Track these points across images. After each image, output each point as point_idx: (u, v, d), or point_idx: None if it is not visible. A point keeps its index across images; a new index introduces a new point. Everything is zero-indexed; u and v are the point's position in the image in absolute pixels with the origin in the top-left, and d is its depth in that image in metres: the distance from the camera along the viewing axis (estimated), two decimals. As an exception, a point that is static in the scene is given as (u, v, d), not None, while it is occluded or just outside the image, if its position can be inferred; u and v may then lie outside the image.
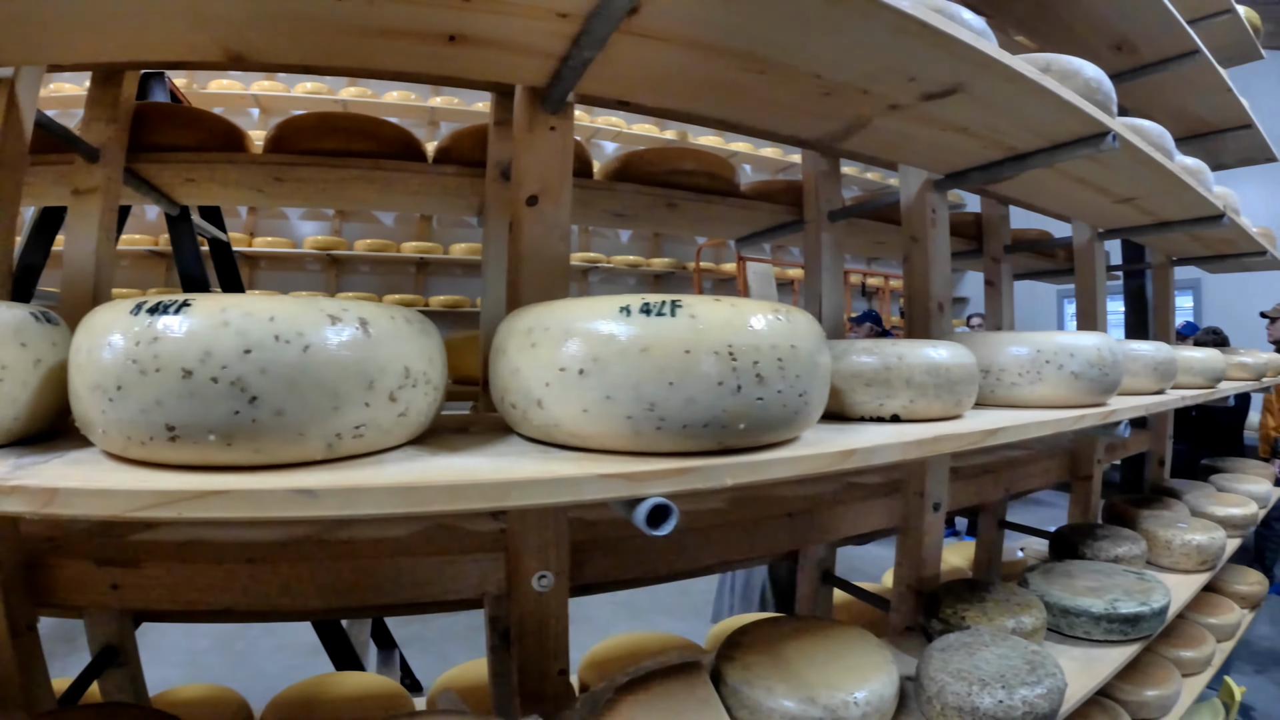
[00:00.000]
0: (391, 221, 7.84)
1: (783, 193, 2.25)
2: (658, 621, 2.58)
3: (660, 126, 8.54)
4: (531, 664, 1.47)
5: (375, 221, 7.78)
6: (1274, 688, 4.47)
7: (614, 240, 9.04)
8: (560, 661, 1.49)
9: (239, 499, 0.66)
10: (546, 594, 1.43)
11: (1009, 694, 1.39)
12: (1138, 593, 1.90)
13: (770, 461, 0.89)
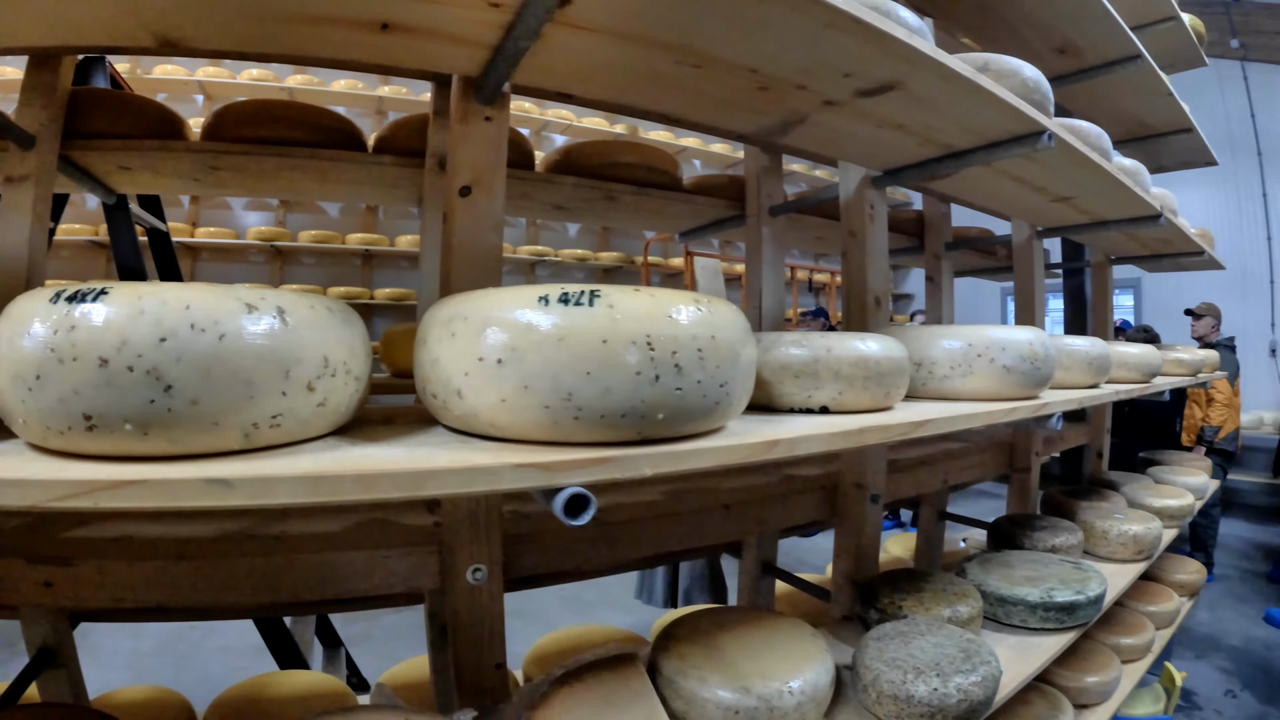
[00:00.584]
0: (337, 213, 7.66)
1: (725, 187, 2.25)
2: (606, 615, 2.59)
3: (610, 120, 8.45)
4: (468, 658, 1.45)
5: (320, 212, 7.59)
6: (1215, 673, 4.58)
7: (562, 234, 8.96)
8: (497, 655, 1.48)
9: (154, 489, 0.65)
10: (481, 587, 1.41)
11: (943, 682, 1.40)
12: (1074, 581, 1.93)
13: (691, 452, 0.89)
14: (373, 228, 7.72)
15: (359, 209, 7.61)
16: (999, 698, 1.57)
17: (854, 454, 1.89)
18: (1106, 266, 3.45)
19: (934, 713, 1.39)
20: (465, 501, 1.38)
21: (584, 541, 1.59)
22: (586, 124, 8.19)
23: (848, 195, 1.87)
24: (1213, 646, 4.94)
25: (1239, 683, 4.43)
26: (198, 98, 7.04)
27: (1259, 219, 8.07)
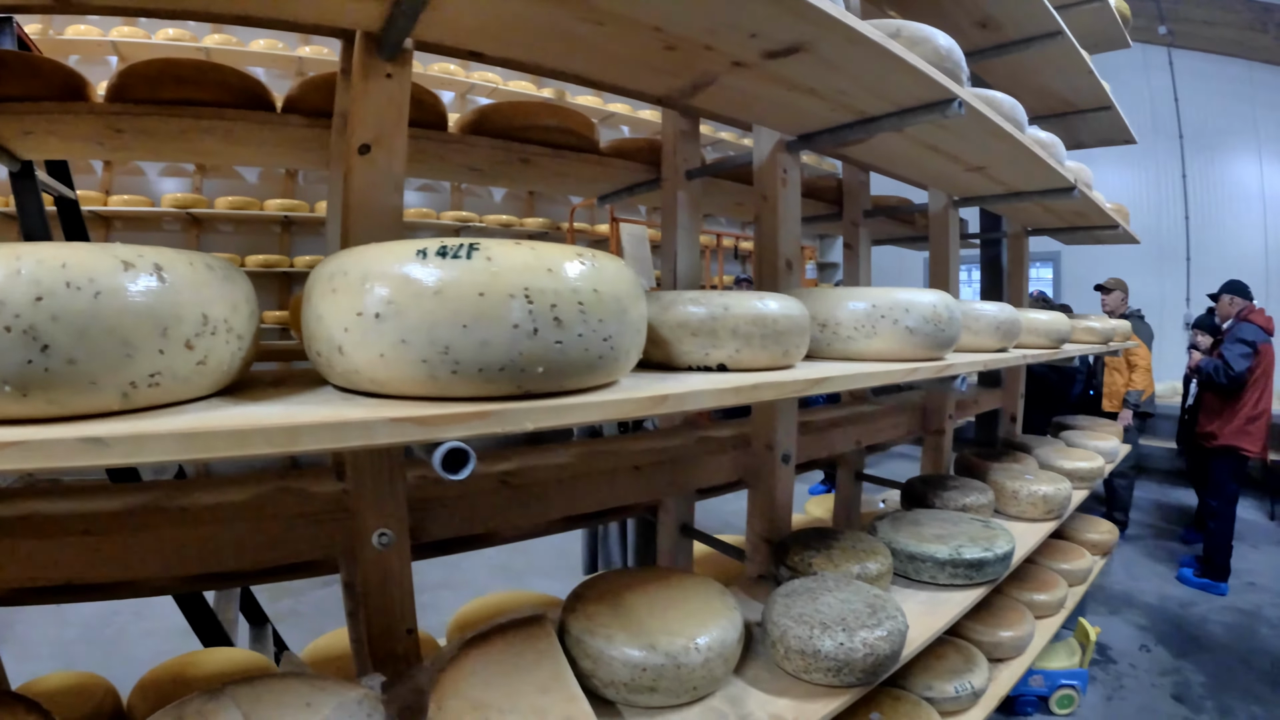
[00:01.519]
0: (255, 178, 7.33)
1: (641, 151, 2.22)
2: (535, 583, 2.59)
3: (538, 85, 8.23)
4: (378, 624, 1.43)
5: (237, 178, 7.26)
6: (1129, 628, 4.74)
7: (487, 200, 8.75)
8: (407, 620, 1.46)
9: (31, 450, 0.63)
10: (388, 552, 1.40)
11: (849, 636, 1.42)
12: (982, 539, 1.97)
13: (575, 406, 0.87)
14: (292, 193, 7.40)
15: (277, 174, 7.29)
16: (907, 652, 1.60)
17: (764, 415, 1.90)
18: (1023, 238, 3.51)
19: (840, 667, 1.41)
20: (369, 467, 1.36)
21: (493, 504, 1.58)
22: (512, 87, 7.91)
23: (761, 159, 1.86)
24: (1127, 603, 5.12)
25: (1153, 638, 4.60)
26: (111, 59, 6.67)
27: (1178, 199, 8.32)
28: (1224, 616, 4.86)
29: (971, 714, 2.27)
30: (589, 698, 1.35)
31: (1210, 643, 4.52)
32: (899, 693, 2.17)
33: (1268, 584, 5.31)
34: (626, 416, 0.92)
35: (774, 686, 1.45)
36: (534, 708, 1.14)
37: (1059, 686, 3.66)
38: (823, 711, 1.39)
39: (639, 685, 1.30)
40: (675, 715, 1.34)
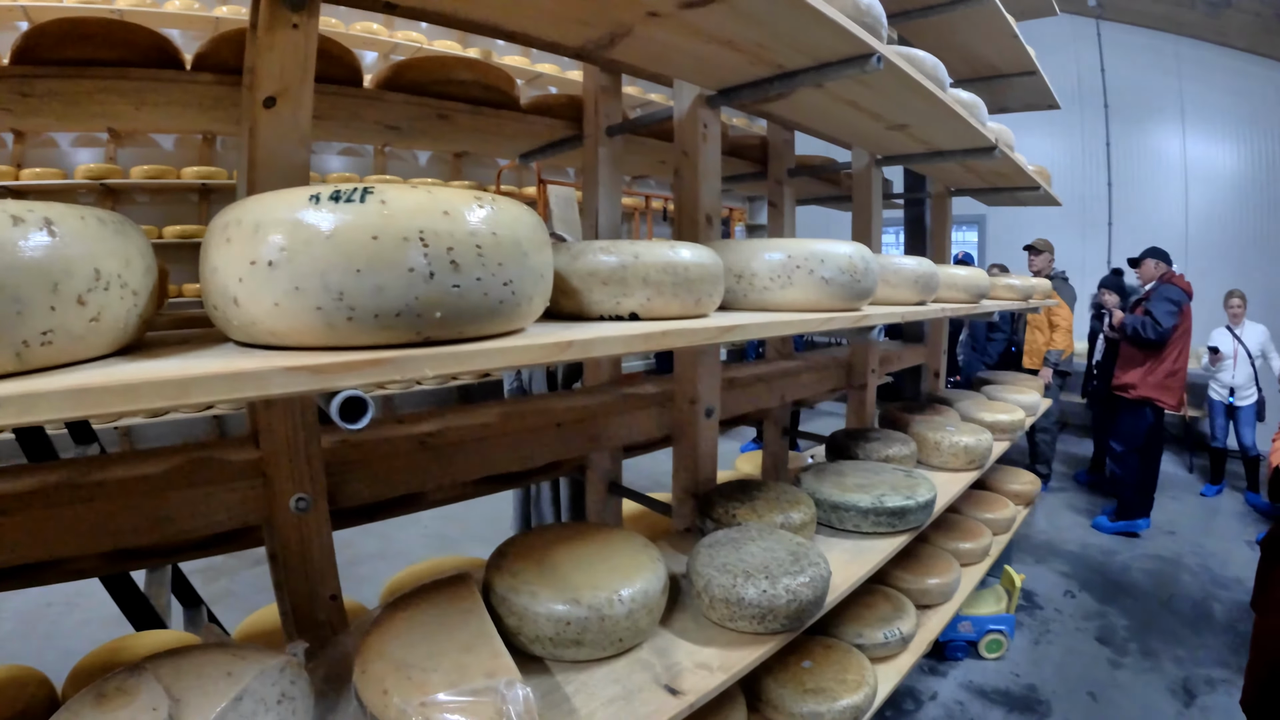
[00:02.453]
0: (171, 145, 7.01)
1: (562, 108, 2.19)
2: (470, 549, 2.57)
3: (464, 43, 8.02)
4: (301, 591, 1.41)
5: (153, 145, 6.94)
6: (1053, 575, 4.91)
7: (412, 163, 8.54)
8: (330, 586, 1.43)
9: None
10: (306, 517, 1.37)
11: (772, 584, 1.43)
12: (904, 488, 2.00)
13: (476, 352, 0.86)
14: (209, 160, 7.12)
15: (194, 140, 6.98)
16: (831, 598, 1.62)
17: (687, 371, 1.89)
18: (946, 198, 3.56)
19: (764, 614, 1.42)
20: (282, 431, 1.32)
21: (413, 465, 1.55)
22: (438, 46, 7.71)
23: (681, 114, 1.85)
24: (1051, 552, 5.30)
25: (1077, 584, 4.77)
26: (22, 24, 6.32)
27: (1101, 166, 8.55)
28: (1145, 564, 5.06)
29: (901, 659, 2.33)
30: (516, 654, 1.34)
31: (1133, 589, 4.71)
32: (830, 641, 2.21)
33: (1187, 534, 5.55)
34: (530, 363, 0.90)
35: (700, 636, 1.46)
36: (457, 665, 1.12)
37: (987, 632, 3.78)
38: (749, 658, 1.40)
39: (564, 639, 1.30)
40: (602, 668, 1.34)
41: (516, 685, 1.06)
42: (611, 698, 1.26)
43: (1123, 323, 5.49)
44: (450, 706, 1.04)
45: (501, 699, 1.05)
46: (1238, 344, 6.12)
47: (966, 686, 3.66)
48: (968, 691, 3.62)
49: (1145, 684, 3.66)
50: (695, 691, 1.29)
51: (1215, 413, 6.35)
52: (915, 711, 3.47)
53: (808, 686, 1.99)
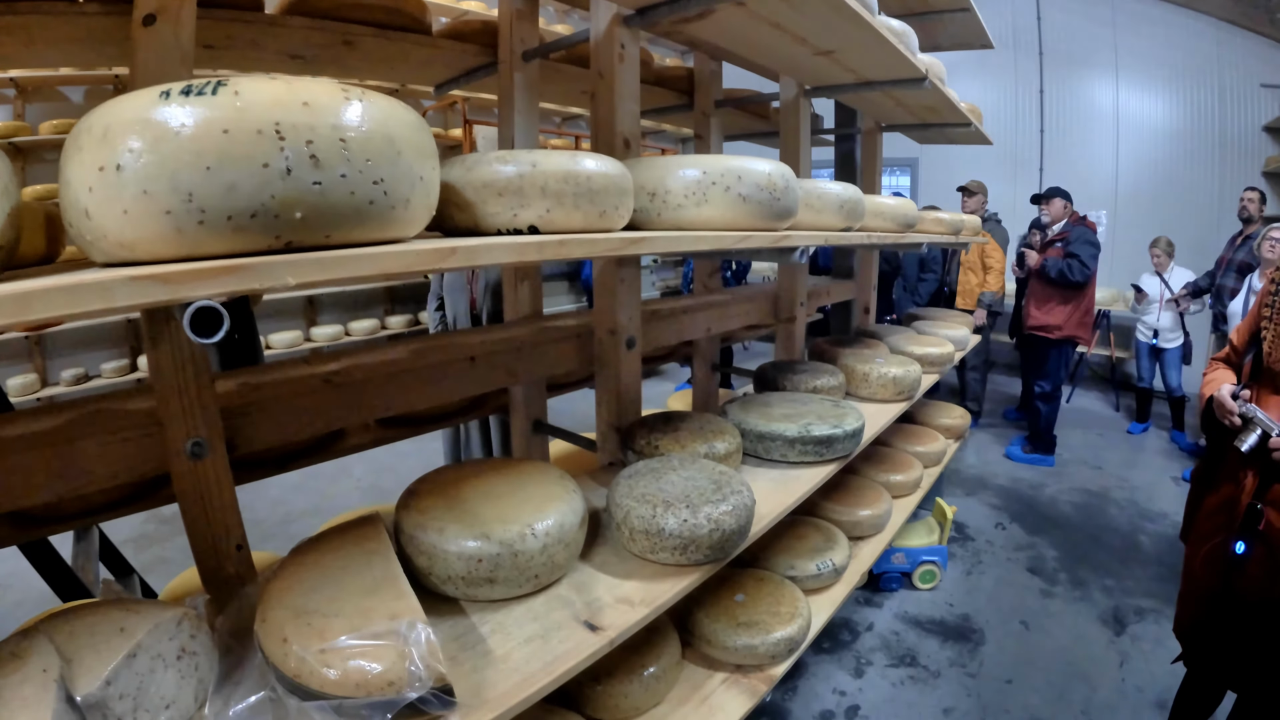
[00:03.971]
0: (81, 97, 6.62)
1: (476, 33, 2.06)
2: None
3: None
4: (204, 541, 1.32)
5: (63, 100, 6.54)
6: (984, 508, 5.01)
7: None
8: (234, 537, 1.35)
9: None
10: (204, 464, 1.27)
11: (693, 513, 1.37)
12: (831, 417, 1.97)
13: (342, 258, 0.77)
14: None
15: (105, 90, 6.59)
16: (757, 528, 1.57)
17: (606, 301, 1.82)
18: (877, 134, 3.51)
19: (686, 544, 1.37)
20: (170, 370, 1.22)
21: (317, 405, 1.46)
22: None
23: (598, 35, 1.74)
24: (981, 485, 5.41)
25: (1007, 517, 4.88)
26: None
27: (1034, 112, 8.60)
28: (1073, 497, 5.19)
29: (835, 590, 2.32)
30: (429, 596, 1.28)
31: (1062, 521, 4.82)
32: (762, 574, 2.19)
33: (1114, 469, 5.70)
34: (407, 269, 0.82)
35: (621, 570, 1.40)
36: (359, 609, 1.04)
37: (920, 563, 3.84)
38: (672, 590, 1.35)
39: (477, 578, 1.23)
40: (520, 606, 1.28)
41: (418, 626, 0.99)
42: (529, 636, 1.20)
43: (1043, 264, 5.56)
44: (350, 652, 0.97)
45: (404, 641, 0.98)
46: (1164, 287, 6.24)
47: (902, 617, 3.72)
48: (903, 622, 3.68)
49: (1076, 613, 3.75)
50: (616, 627, 1.24)
51: (1141, 354, 6.50)
52: (852, 642, 3.51)
53: (741, 620, 1.96)
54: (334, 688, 0.95)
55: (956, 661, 3.37)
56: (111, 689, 0.95)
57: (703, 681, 1.91)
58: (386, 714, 0.94)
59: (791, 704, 3.09)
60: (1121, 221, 8.02)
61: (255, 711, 0.99)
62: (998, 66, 8.46)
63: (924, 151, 8.89)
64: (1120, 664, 3.31)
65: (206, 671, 1.11)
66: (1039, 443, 5.81)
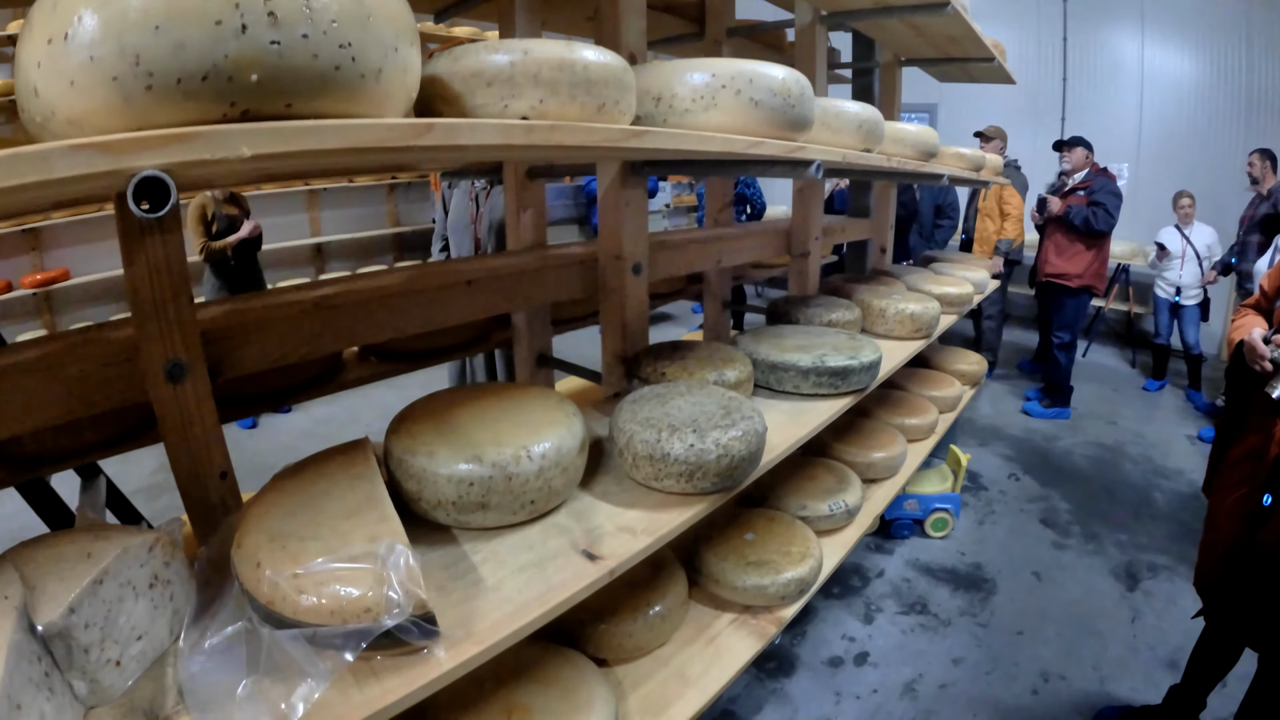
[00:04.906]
0: None
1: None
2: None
3: None
4: (184, 468, 1.24)
5: None
6: (996, 458, 4.92)
7: None
8: (218, 464, 1.27)
9: None
10: (185, 387, 1.19)
11: (700, 438, 1.28)
12: (847, 349, 1.86)
13: (304, 128, 0.68)
14: None
15: None
16: (769, 458, 1.49)
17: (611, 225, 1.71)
18: (895, 68, 3.35)
19: (693, 471, 1.28)
20: (146, 287, 1.13)
21: (306, 330, 1.37)
22: None
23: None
24: (995, 436, 5.31)
25: (1020, 468, 4.79)
26: None
27: (1058, 60, 8.32)
28: (1088, 450, 5.09)
29: (847, 533, 2.24)
30: (419, 523, 1.20)
31: (1075, 474, 4.73)
32: (773, 513, 2.11)
33: (1129, 425, 5.58)
34: (379, 144, 0.72)
35: (624, 499, 1.32)
36: (338, 533, 0.97)
37: (933, 510, 3.76)
38: (677, 519, 1.27)
39: (468, 503, 1.15)
40: (514, 535, 1.20)
41: (398, 548, 0.92)
42: (523, 565, 1.13)
43: (1066, 211, 5.38)
44: (324, 576, 0.89)
45: (381, 564, 0.90)
46: (1186, 244, 6.05)
47: (913, 564, 3.66)
48: (914, 569, 3.62)
49: (1088, 567, 3.68)
50: (617, 556, 1.16)
51: (1160, 310, 6.31)
52: (862, 589, 3.45)
53: (750, 559, 1.89)
54: (308, 615, 0.88)
55: (967, 611, 3.32)
56: (76, 617, 0.88)
57: (710, 622, 1.84)
58: (362, 643, 0.86)
59: (800, 649, 3.04)
60: (1143, 176, 7.78)
61: (231, 643, 0.92)
62: (1020, 12, 8.18)
63: (943, 97, 8.62)
64: (1132, 620, 3.24)
65: (182, 602, 1.04)
66: (1056, 394, 5.69)
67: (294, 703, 0.83)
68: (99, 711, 0.91)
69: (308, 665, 0.85)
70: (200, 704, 0.86)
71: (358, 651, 0.86)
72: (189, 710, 0.87)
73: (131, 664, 0.95)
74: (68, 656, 0.88)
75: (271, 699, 0.84)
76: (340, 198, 8.56)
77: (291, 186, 7.80)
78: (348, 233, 8.50)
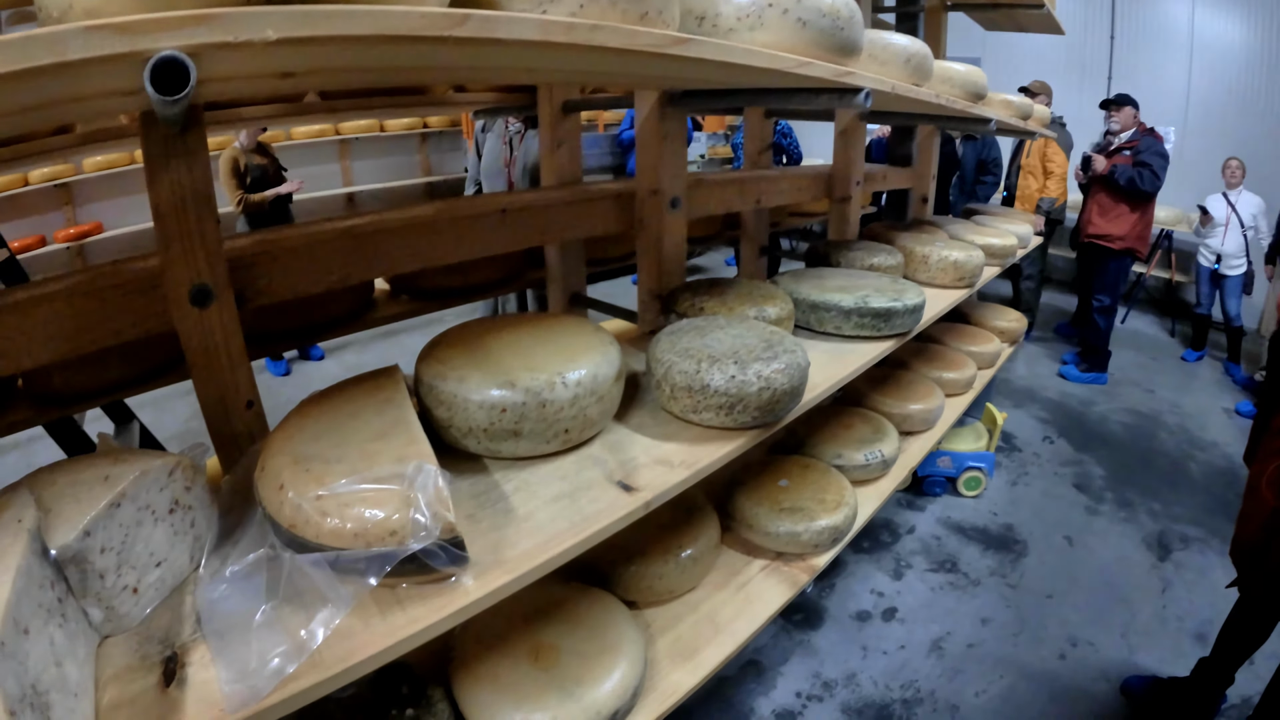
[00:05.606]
0: None
1: None
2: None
3: None
4: (209, 397, 1.21)
5: None
6: (1031, 420, 4.82)
7: None
8: (244, 393, 1.23)
9: None
10: (209, 312, 1.15)
11: (741, 369, 1.23)
12: (890, 291, 1.79)
13: (334, 13, 0.62)
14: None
15: None
16: (810, 396, 1.42)
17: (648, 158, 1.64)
18: (941, 13, 3.21)
19: (733, 403, 1.23)
20: (171, 215, 1.09)
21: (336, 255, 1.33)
22: None
23: None
24: (1030, 398, 5.20)
25: (1055, 431, 4.68)
26: None
27: (1105, 18, 7.99)
28: (1123, 417, 4.95)
29: (882, 484, 2.19)
30: (449, 452, 1.16)
31: (1111, 440, 4.61)
32: (808, 460, 2.06)
33: (1166, 394, 5.41)
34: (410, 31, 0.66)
35: (660, 431, 1.27)
36: (365, 455, 0.93)
37: (966, 468, 3.69)
38: (715, 454, 1.21)
39: (500, 430, 1.10)
40: (547, 465, 1.16)
41: (426, 468, 0.87)
42: (555, 495, 1.08)
43: (1111, 170, 5.18)
44: (349, 498, 0.85)
45: (409, 485, 0.86)
46: (1231, 212, 5.80)
47: (944, 522, 3.59)
48: (945, 527, 3.56)
49: (1120, 534, 3.59)
50: (652, 489, 1.11)
51: (1201, 279, 6.06)
52: (893, 544, 3.40)
53: (784, 505, 1.84)
54: (331, 538, 0.84)
55: (997, 571, 3.26)
56: (91, 541, 0.85)
57: (741, 567, 1.81)
58: (386, 567, 0.82)
59: (828, 601, 3.01)
60: (1189, 142, 7.48)
61: (253, 570, 0.89)
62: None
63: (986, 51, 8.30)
64: (1162, 590, 3.16)
65: (204, 528, 1.01)
66: (1094, 358, 5.53)
67: (313, 629, 0.80)
68: (115, 640, 0.89)
69: (329, 590, 0.81)
70: (217, 631, 0.83)
71: (381, 576, 0.82)
72: (205, 637, 0.84)
73: (149, 591, 0.93)
74: (83, 582, 0.85)
75: (290, 626, 0.80)
76: (372, 147, 8.51)
77: (323, 136, 7.77)
78: (380, 182, 8.46)
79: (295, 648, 0.79)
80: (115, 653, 0.86)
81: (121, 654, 0.86)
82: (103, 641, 0.88)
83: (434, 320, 1.87)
